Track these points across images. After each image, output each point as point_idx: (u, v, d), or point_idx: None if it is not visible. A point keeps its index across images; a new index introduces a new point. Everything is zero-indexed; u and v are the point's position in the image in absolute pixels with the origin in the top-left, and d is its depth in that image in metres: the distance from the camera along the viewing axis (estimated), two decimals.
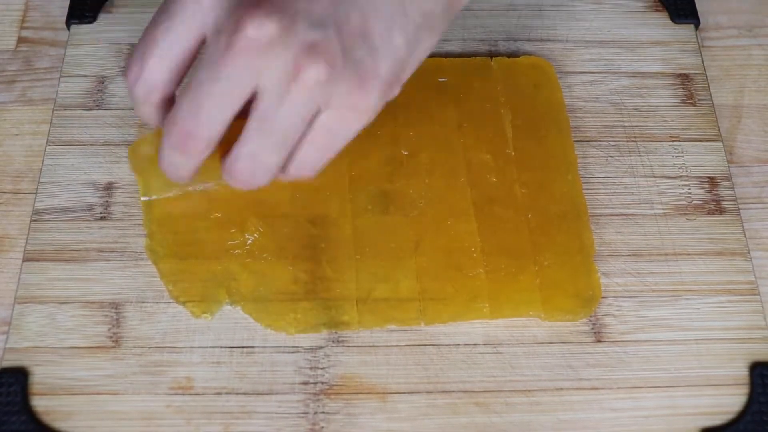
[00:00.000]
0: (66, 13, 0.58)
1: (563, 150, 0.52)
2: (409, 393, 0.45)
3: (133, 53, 0.40)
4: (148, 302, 0.47)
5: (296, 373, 0.45)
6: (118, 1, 0.59)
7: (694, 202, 0.51)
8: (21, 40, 0.58)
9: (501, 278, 0.47)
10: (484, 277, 0.47)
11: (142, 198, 0.48)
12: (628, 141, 0.53)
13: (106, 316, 0.47)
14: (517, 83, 0.54)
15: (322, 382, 0.45)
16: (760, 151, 0.54)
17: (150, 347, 0.46)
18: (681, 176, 0.52)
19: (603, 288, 0.47)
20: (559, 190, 0.50)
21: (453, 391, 0.45)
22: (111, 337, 0.46)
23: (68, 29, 0.57)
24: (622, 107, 0.54)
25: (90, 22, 0.58)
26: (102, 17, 0.58)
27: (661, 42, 0.57)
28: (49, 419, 0.44)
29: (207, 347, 0.46)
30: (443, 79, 0.54)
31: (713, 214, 0.50)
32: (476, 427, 0.44)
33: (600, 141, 0.53)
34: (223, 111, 0.38)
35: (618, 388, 0.45)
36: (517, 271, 0.47)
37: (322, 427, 0.44)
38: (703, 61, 0.57)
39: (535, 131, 0.52)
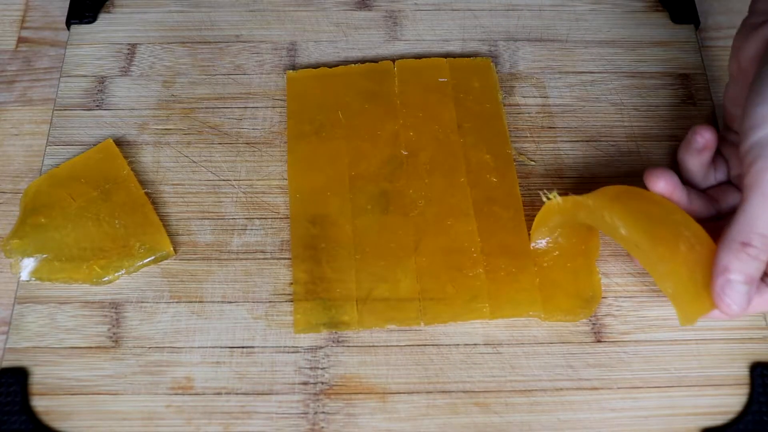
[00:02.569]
0: (66, 13, 0.58)
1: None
2: (409, 393, 0.45)
3: None
4: (148, 302, 0.47)
5: (296, 373, 0.45)
6: (118, 1, 0.59)
7: None
8: (21, 40, 0.58)
9: (501, 278, 0.47)
10: (484, 277, 0.47)
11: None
12: (628, 141, 0.53)
13: (106, 316, 0.47)
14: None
15: (322, 382, 0.45)
16: None
17: (150, 347, 0.46)
18: None
19: (603, 288, 0.47)
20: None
21: (453, 391, 0.45)
22: (111, 337, 0.46)
23: (68, 29, 0.58)
24: (622, 107, 0.54)
25: (90, 22, 0.58)
26: (102, 17, 0.58)
27: (661, 42, 0.57)
28: (49, 419, 0.44)
29: (207, 347, 0.46)
30: (443, 79, 0.54)
31: None
32: (476, 427, 0.44)
33: (600, 141, 0.53)
34: None
35: (618, 388, 0.45)
36: (517, 271, 0.47)
37: (322, 427, 0.44)
38: (703, 61, 0.57)
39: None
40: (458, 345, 0.46)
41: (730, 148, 0.48)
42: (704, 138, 0.45)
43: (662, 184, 0.44)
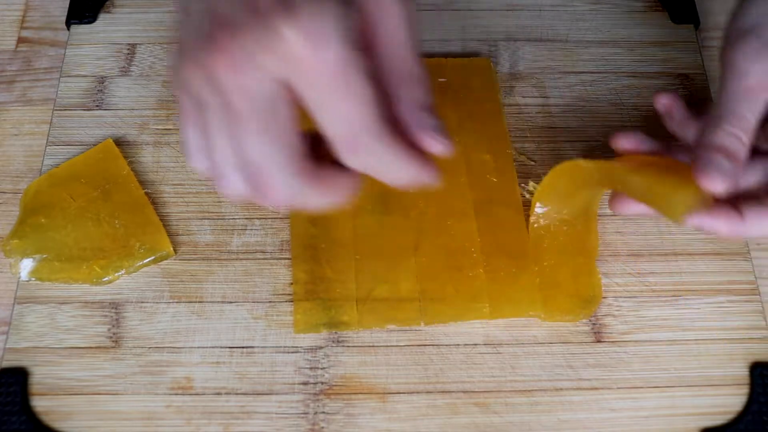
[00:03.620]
0: (66, 13, 0.58)
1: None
2: (409, 393, 0.45)
3: None
4: (147, 302, 0.47)
5: (296, 373, 0.45)
6: (118, 1, 0.59)
7: None
8: (21, 40, 0.58)
9: (501, 278, 0.47)
10: (484, 277, 0.47)
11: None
12: None
13: (106, 316, 0.47)
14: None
15: (322, 382, 0.45)
16: None
17: (150, 347, 0.46)
18: None
19: (603, 288, 0.47)
20: None
21: (453, 391, 0.45)
22: (111, 337, 0.46)
23: (68, 29, 0.57)
24: (622, 107, 0.54)
25: (90, 22, 0.58)
26: (102, 17, 0.58)
27: (661, 42, 0.57)
28: (49, 419, 0.44)
29: (207, 347, 0.46)
30: (443, 79, 0.54)
31: None
32: (476, 427, 0.44)
33: (600, 141, 0.53)
34: None
35: (618, 388, 0.45)
36: (517, 271, 0.47)
37: (322, 427, 0.44)
38: (703, 61, 0.57)
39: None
40: (458, 345, 0.46)
41: None
42: (661, 104, 0.47)
43: (623, 141, 0.45)
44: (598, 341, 0.46)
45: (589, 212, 0.49)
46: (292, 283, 0.47)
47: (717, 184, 0.41)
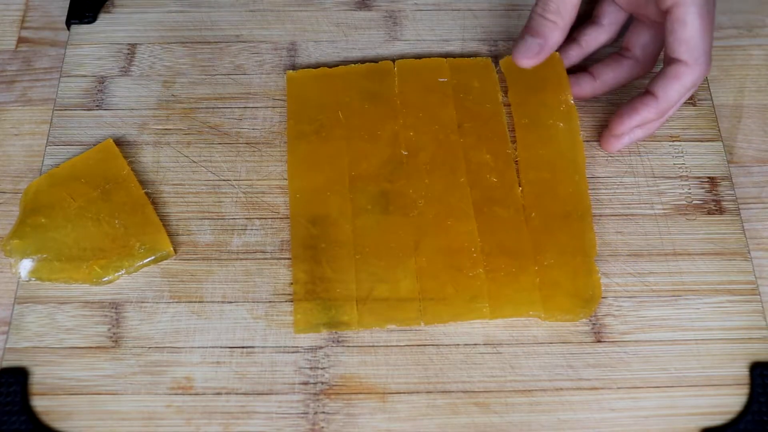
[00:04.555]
0: (66, 13, 0.58)
1: (572, 149, 0.51)
2: (409, 393, 0.45)
3: None
4: (148, 302, 0.47)
5: (296, 373, 0.45)
6: (118, 1, 0.59)
7: (694, 202, 0.51)
8: (21, 40, 0.58)
9: (501, 278, 0.47)
10: (484, 277, 0.47)
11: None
12: None
13: (106, 316, 0.47)
14: (522, 79, 0.54)
15: (322, 382, 0.45)
16: (760, 151, 0.54)
17: (150, 347, 0.46)
18: (681, 176, 0.52)
19: (603, 288, 0.47)
20: (565, 190, 0.50)
21: (453, 391, 0.45)
22: (111, 337, 0.46)
23: (68, 29, 0.58)
24: None
25: (90, 22, 0.58)
26: (102, 17, 0.58)
27: None
28: (49, 419, 0.44)
29: (207, 347, 0.46)
30: (443, 79, 0.54)
31: (713, 214, 0.50)
32: (476, 427, 0.44)
33: (598, 140, 0.53)
34: None
35: (618, 388, 0.45)
36: (517, 271, 0.47)
37: (322, 427, 0.44)
38: None
39: (543, 129, 0.52)
40: (458, 345, 0.46)
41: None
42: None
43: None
44: (598, 341, 0.46)
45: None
46: (292, 283, 0.47)
47: (522, 59, 0.50)
